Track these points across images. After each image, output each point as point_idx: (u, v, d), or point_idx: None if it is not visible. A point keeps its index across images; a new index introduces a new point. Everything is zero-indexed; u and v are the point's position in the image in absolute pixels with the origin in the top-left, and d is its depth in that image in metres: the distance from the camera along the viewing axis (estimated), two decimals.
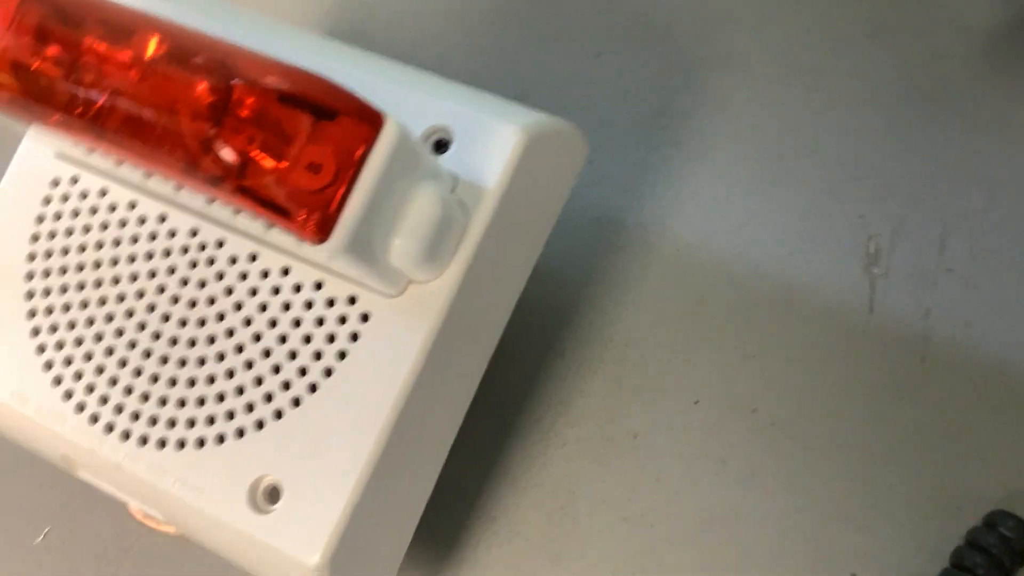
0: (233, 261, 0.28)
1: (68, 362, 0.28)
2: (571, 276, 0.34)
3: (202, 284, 0.28)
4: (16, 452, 0.35)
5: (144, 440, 0.27)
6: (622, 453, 0.32)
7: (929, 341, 0.31)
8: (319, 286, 0.27)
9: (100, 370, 0.28)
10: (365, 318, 0.26)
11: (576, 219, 0.35)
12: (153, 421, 0.27)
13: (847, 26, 0.35)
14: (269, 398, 0.26)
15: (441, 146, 0.27)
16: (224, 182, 0.23)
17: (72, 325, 0.28)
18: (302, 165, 0.23)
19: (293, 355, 0.27)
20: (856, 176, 0.33)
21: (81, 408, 0.28)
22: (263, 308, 0.27)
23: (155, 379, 0.27)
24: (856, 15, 0.35)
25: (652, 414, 0.32)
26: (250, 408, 0.26)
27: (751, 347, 0.32)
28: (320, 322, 0.27)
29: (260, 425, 0.26)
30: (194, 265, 0.28)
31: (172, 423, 0.27)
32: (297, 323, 0.27)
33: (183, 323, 0.28)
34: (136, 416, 0.27)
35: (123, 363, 0.28)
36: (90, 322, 0.28)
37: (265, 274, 0.27)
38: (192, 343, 0.27)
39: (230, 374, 0.27)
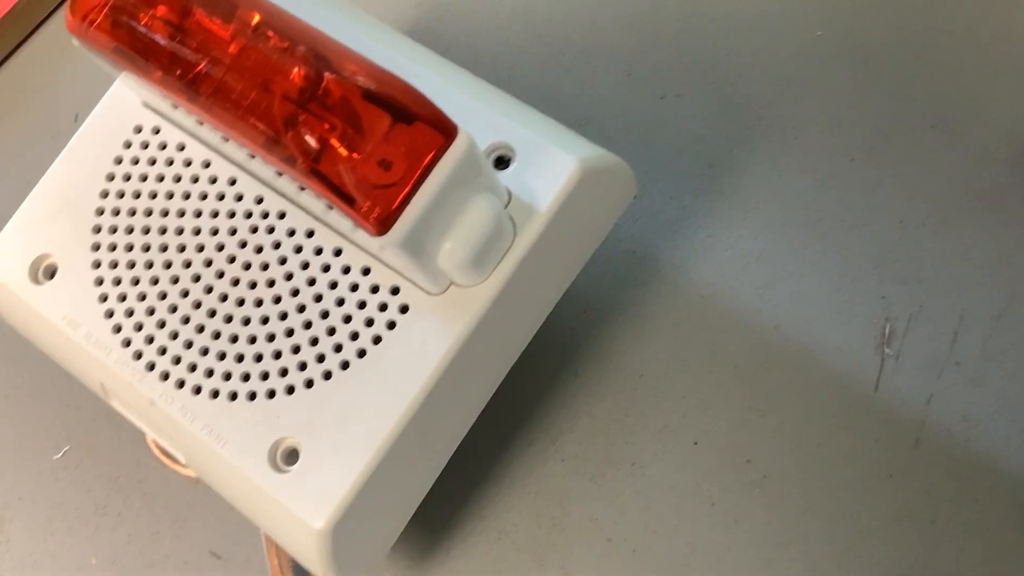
0: (291, 234, 0.29)
1: (122, 299, 0.30)
2: (597, 302, 0.36)
3: (259, 250, 0.29)
4: (47, 370, 0.38)
5: (181, 384, 0.29)
6: (618, 477, 0.34)
7: (925, 427, 0.33)
8: (367, 271, 0.29)
9: (151, 312, 0.30)
10: (404, 309, 0.28)
11: (612, 249, 0.36)
12: (192, 368, 0.29)
13: (910, 114, 0.37)
14: (303, 367, 0.28)
15: (502, 162, 0.29)
16: (300, 162, 0.25)
17: (131, 265, 0.30)
18: (374, 160, 0.24)
19: (332, 331, 0.28)
20: (888, 258, 0.35)
21: (127, 343, 0.29)
22: (311, 283, 0.29)
23: (200, 329, 0.29)
24: (921, 105, 0.37)
25: (652, 446, 0.34)
26: (284, 373, 0.28)
27: (757, 401, 0.34)
28: (362, 305, 0.28)
29: (291, 390, 0.28)
30: (255, 230, 0.30)
31: (209, 373, 0.29)
32: (340, 302, 0.28)
33: (235, 283, 0.29)
34: (177, 360, 0.29)
35: (173, 309, 0.29)
36: (148, 266, 0.30)
37: (319, 251, 0.29)
38: (240, 303, 0.29)
39: (271, 338, 0.29)
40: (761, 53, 0.39)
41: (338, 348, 0.28)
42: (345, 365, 0.28)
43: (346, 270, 0.29)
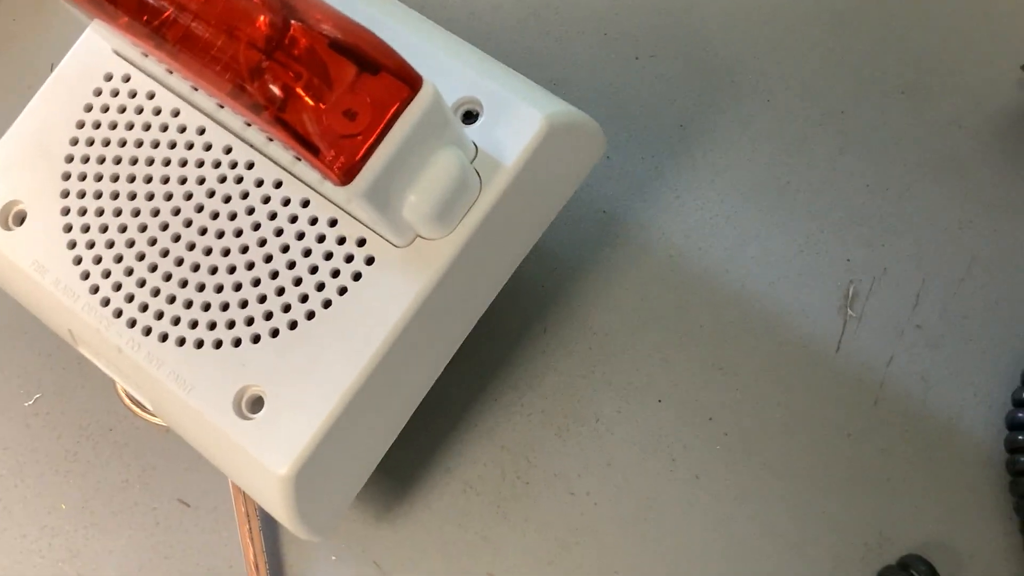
0: (259, 184, 0.29)
1: (90, 246, 0.30)
2: (566, 260, 0.36)
3: (227, 199, 0.30)
4: (20, 318, 0.38)
5: (148, 331, 0.29)
6: (582, 432, 0.34)
7: (885, 387, 0.33)
8: (333, 223, 0.29)
9: (118, 259, 0.30)
10: (370, 261, 0.28)
11: (582, 208, 0.37)
12: (159, 315, 0.29)
13: (881, 78, 0.37)
14: (269, 316, 0.28)
15: (470, 116, 0.29)
16: (265, 111, 0.25)
17: (100, 212, 0.30)
18: (339, 110, 0.25)
19: (298, 281, 0.29)
20: (853, 221, 0.35)
21: (95, 290, 0.30)
22: (279, 233, 0.29)
23: (168, 277, 0.29)
24: (891, 70, 0.37)
25: (617, 403, 0.35)
26: (250, 322, 0.28)
27: (721, 361, 0.34)
28: (328, 256, 0.29)
29: (256, 339, 0.28)
30: (223, 180, 0.30)
31: (176, 321, 0.29)
32: (307, 253, 0.29)
33: (203, 231, 0.29)
34: (144, 308, 0.29)
35: (141, 257, 0.30)
36: (117, 213, 0.30)
37: (286, 202, 0.29)
38: (208, 251, 0.29)
39: (237, 287, 0.29)
40: (735, 15, 0.39)
41: (304, 298, 0.28)
42: (311, 315, 0.28)
43: (313, 221, 0.29)
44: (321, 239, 0.29)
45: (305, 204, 0.29)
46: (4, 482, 0.36)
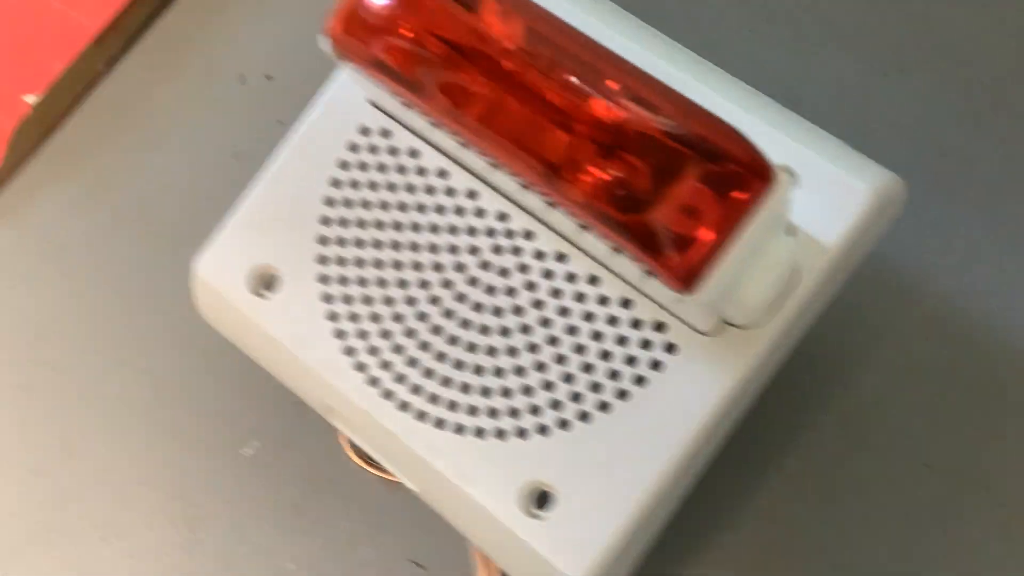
0: (539, 256, 0.27)
1: (353, 318, 0.28)
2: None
3: (503, 272, 0.27)
4: (229, 360, 0.36)
5: (422, 415, 0.27)
6: (844, 498, 0.32)
7: None
8: (626, 303, 0.26)
9: (386, 335, 0.28)
10: (670, 348, 0.26)
11: None
12: (433, 399, 0.27)
13: None
14: (556, 405, 0.26)
15: None
16: (589, 202, 0.23)
17: (362, 282, 0.28)
18: (678, 205, 0.22)
19: (588, 368, 0.26)
20: None
21: (361, 368, 0.28)
22: (564, 312, 0.27)
23: (441, 357, 0.27)
24: None
25: (878, 466, 0.32)
26: (535, 411, 0.26)
27: (996, 424, 0.32)
28: (621, 341, 0.26)
29: (543, 430, 0.26)
30: (498, 251, 0.27)
31: (452, 406, 0.27)
32: (597, 336, 0.26)
33: (477, 307, 0.27)
34: (416, 390, 0.27)
35: (410, 333, 0.28)
36: (381, 283, 0.28)
37: (571, 278, 0.27)
38: (484, 330, 0.27)
39: (519, 371, 0.27)
40: (1004, 26, 0.35)
41: (595, 387, 0.26)
42: (604, 406, 0.26)
43: (602, 300, 0.26)
44: (612, 321, 0.26)
45: (592, 281, 0.27)
46: (226, 538, 0.35)
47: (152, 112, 0.41)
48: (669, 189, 0.22)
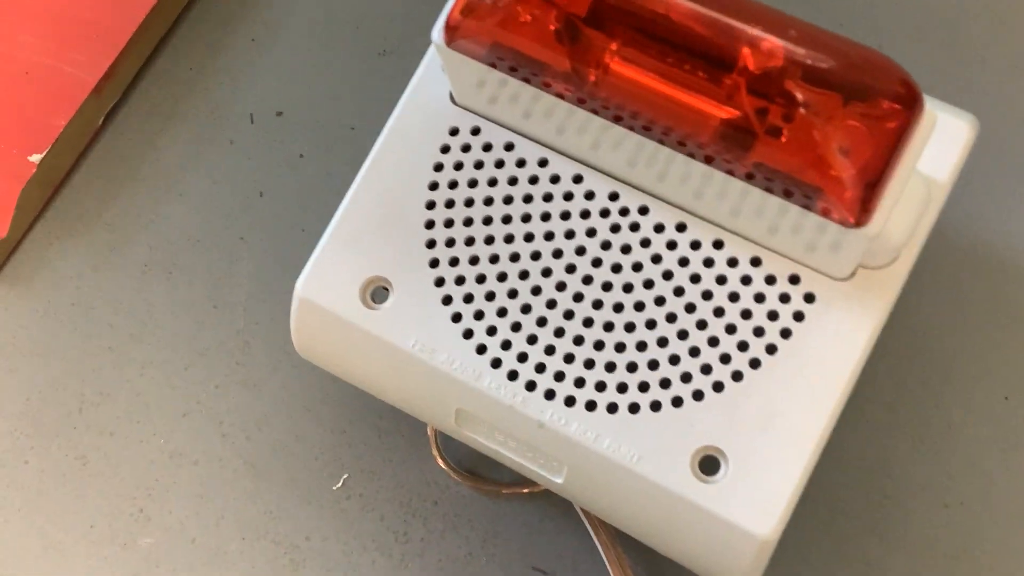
0: (659, 229, 0.27)
1: (479, 316, 0.28)
2: None
3: (626, 249, 0.27)
4: (305, 394, 0.35)
5: (571, 401, 0.27)
6: (937, 439, 0.33)
7: None
8: (756, 262, 0.27)
9: (516, 327, 0.27)
10: (809, 298, 0.26)
11: None
12: (580, 383, 0.27)
13: None
14: (707, 370, 0.26)
15: None
16: (755, 147, 0.23)
17: (481, 279, 0.28)
18: (847, 137, 0.23)
19: (731, 329, 0.27)
20: None
21: (497, 364, 0.27)
22: (695, 279, 0.27)
23: (579, 341, 0.27)
24: None
25: (966, 402, 0.33)
26: (687, 378, 0.26)
27: None
28: (760, 299, 0.27)
29: (698, 396, 0.26)
30: (616, 229, 0.28)
31: (601, 386, 0.27)
32: (734, 297, 0.27)
33: (607, 287, 0.27)
34: (560, 376, 0.27)
35: (542, 322, 0.27)
36: (502, 278, 0.28)
37: (696, 245, 0.27)
38: (618, 308, 0.27)
39: (662, 342, 0.27)
40: None
41: (743, 346, 0.26)
42: (755, 363, 0.26)
43: (732, 262, 0.27)
44: (746, 280, 0.27)
45: (717, 245, 0.27)
46: (334, 574, 0.33)
47: (159, 159, 0.39)
48: (836, 122, 0.22)
